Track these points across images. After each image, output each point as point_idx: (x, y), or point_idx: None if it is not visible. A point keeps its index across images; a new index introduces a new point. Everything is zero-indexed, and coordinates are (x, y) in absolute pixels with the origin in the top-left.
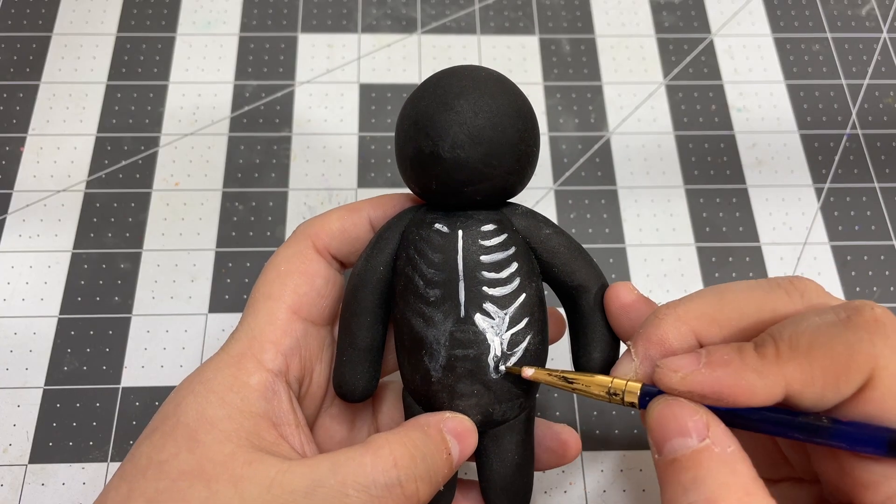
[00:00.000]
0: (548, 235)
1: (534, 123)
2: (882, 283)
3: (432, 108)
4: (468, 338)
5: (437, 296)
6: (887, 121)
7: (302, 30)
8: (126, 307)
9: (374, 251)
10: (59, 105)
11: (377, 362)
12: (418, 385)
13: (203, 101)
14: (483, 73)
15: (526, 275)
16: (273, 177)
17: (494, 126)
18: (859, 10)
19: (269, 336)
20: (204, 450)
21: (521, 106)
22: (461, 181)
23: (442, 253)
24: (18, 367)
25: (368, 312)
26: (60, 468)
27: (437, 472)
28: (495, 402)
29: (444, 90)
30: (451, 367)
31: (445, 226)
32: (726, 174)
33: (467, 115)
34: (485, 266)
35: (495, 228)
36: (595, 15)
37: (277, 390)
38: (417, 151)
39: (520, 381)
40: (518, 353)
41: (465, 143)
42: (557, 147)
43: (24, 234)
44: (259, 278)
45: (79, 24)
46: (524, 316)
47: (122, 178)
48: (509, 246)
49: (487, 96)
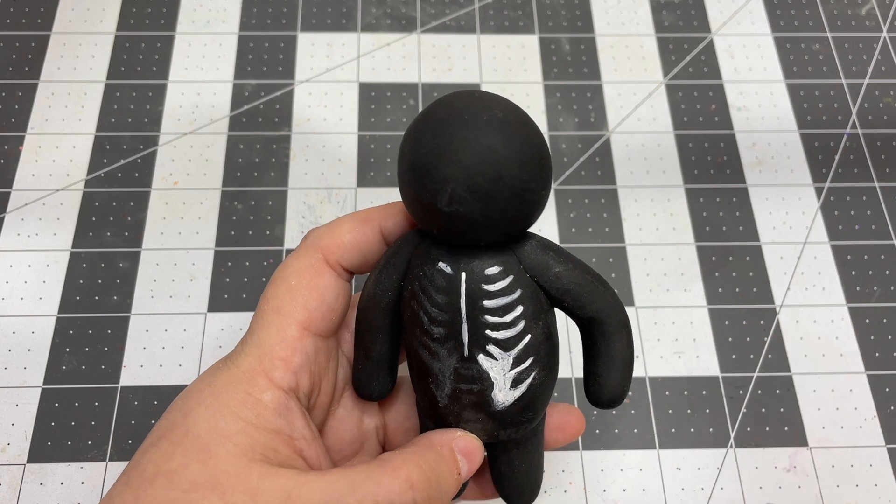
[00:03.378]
0: (557, 275)
1: (541, 168)
2: (882, 282)
3: (430, 158)
4: (472, 374)
5: (442, 334)
6: (887, 120)
7: (301, 29)
8: (125, 306)
9: (381, 276)
10: (57, 104)
11: (392, 369)
12: (427, 407)
13: (202, 100)
14: (486, 118)
15: (532, 316)
16: (272, 176)
17: (495, 181)
18: (859, 10)
19: (279, 353)
20: (217, 462)
21: (526, 149)
22: (462, 231)
23: (445, 294)
24: (17, 367)
25: (379, 331)
26: (59, 468)
27: (448, 492)
28: (500, 428)
29: (443, 137)
30: (457, 397)
31: (449, 266)
32: (726, 173)
33: (465, 170)
34: (488, 311)
35: (500, 271)
36: (595, 14)
37: (291, 406)
38: (416, 198)
39: (527, 409)
40: (523, 388)
41: (462, 198)
42: (557, 146)
43: (23, 233)
44: (268, 289)
45: (78, 22)
46: (529, 356)
47: (120, 177)
48: (514, 289)
49: (488, 150)
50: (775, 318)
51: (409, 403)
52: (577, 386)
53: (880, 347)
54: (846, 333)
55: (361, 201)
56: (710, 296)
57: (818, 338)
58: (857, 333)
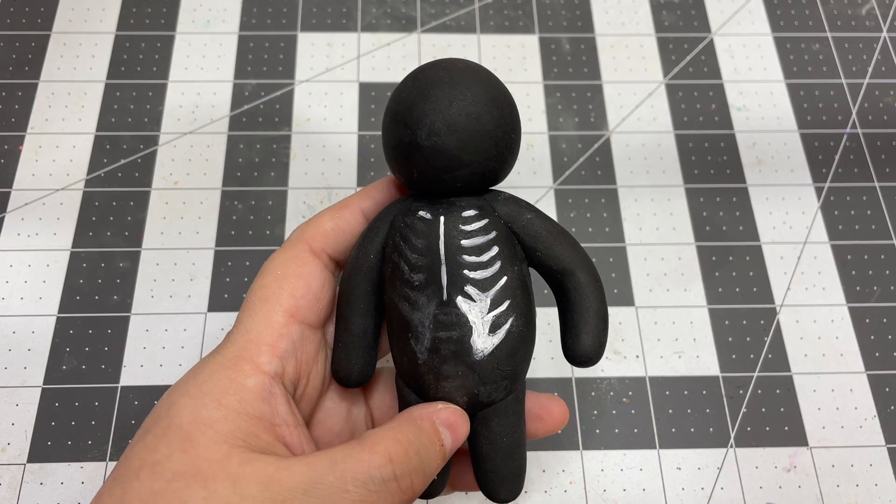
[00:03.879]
0: (529, 220)
1: (511, 111)
2: (882, 282)
3: (410, 99)
4: (451, 320)
5: (421, 280)
6: (887, 120)
7: (301, 28)
8: (125, 306)
9: (364, 241)
10: (58, 103)
11: (372, 348)
12: (406, 368)
13: (202, 100)
14: (460, 65)
15: (507, 258)
16: (272, 176)
17: (469, 114)
18: (859, 10)
19: (265, 339)
20: (199, 450)
21: (496, 95)
22: (439, 168)
23: (425, 238)
24: (17, 366)
25: (362, 300)
26: (59, 467)
27: (431, 464)
28: (480, 384)
29: (421, 82)
30: (436, 349)
31: (429, 213)
32: (726, 173)
33: (442, 103)
34: (465, 250)
35: (476, 214)
36: (595, 14)
37: (275, 392)
38: (398, 142)
39: (505, 362)
40: (501, 335)
41: (440, 130)
42: (557, 146)
43: (23, 233)
44: (255, 281)
45: (78, 22)
46: (505, 298)
47: (121, 176)
48: (490, 230)
49: (462, 86)
50: (775, 318)
51: (393, 391)
52: (577, 386)
53: (880, 347)
54: (846, 333)
55: None
56: (710, 296)
57: (818, 337)
58: (858, 333)
